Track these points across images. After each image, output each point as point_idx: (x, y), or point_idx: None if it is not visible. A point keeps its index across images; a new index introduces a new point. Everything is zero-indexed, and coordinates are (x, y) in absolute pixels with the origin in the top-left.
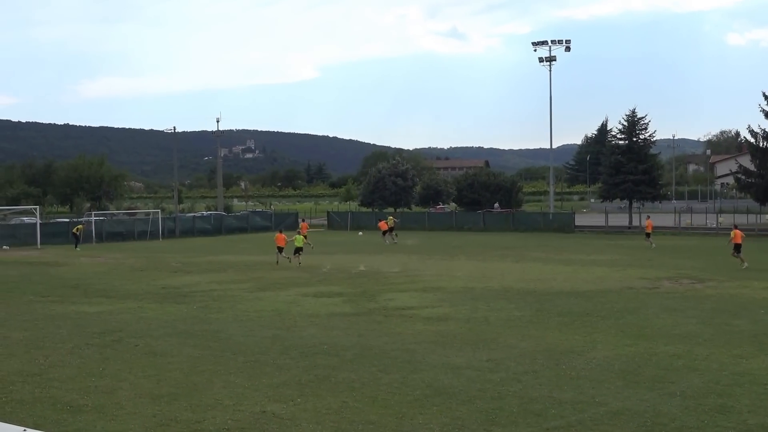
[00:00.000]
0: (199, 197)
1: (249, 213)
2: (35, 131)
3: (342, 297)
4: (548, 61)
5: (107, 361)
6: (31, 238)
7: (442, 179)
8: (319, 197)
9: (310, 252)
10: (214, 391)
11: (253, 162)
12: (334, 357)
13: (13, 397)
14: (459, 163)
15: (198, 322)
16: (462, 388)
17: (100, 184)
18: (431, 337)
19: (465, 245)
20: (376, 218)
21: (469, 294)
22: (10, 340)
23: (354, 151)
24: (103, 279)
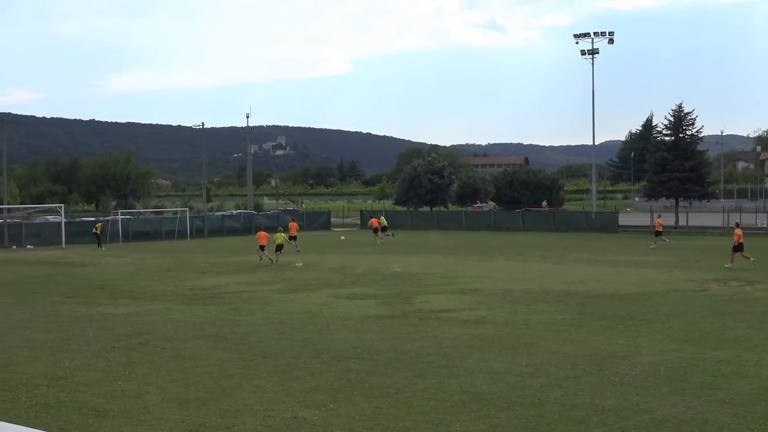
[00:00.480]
0: (228, 195)
1: (280, 212)
2: (60, 127)
3: (376, 299)
4: (591, 53)
5: (134, 365)
6: (56, 238)
7: (479, 177)
8: (352, 195)
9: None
10: (244, 396)
11: (284, 159)
12: (367, 361)
13: (38, 401)
14: (497, 160)
15: (227, 324)
16: (501, 394)
17: (126, 182)
18: (468, 341)
19: (504, 245)
20: (411, 217)
21: (508, 296)
22: (34, 342)
23: (388, 148)
24: (130, 280)
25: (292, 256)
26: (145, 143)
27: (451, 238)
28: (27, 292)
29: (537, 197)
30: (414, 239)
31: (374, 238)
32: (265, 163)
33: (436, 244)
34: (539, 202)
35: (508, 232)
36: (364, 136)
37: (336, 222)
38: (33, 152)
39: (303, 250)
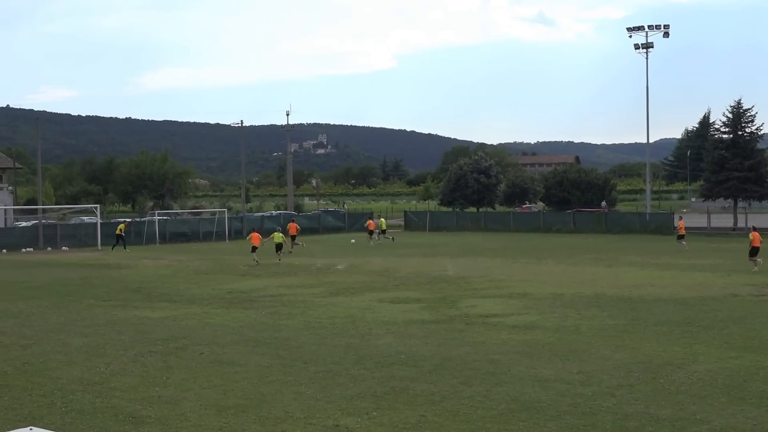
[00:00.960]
0: (268, 195)
1: (321, 213)
2: (96, 126)
3: (420, 303)
4: (645, 48)
5: (171, 370)
6: (92, 239)
7: (528, 176)
8: (396, 196)
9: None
10: (284, 402)
11: (325, 158)
12: (412, 368)
13: (73, 406)
14: (547, 159)
15: (267, 329)
16: (550, 402)
17: (163, 182)
18: (517, 347)
19: (553, 248)
20: (457, 218)
21: (559, 301)
22: (69, 346)
23: (433, 146)
24: (167, 282)
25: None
26: (182, 142)
27: (495, 241)
28: (62, 295)
29: (588, 197)
30: (460, 241)
31: (374, 241)
32: (306, 163)
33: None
34: (590, 202)
35: (558, 233)
36: (408, 134)
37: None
38: (68, 151)
39: (345, 253)
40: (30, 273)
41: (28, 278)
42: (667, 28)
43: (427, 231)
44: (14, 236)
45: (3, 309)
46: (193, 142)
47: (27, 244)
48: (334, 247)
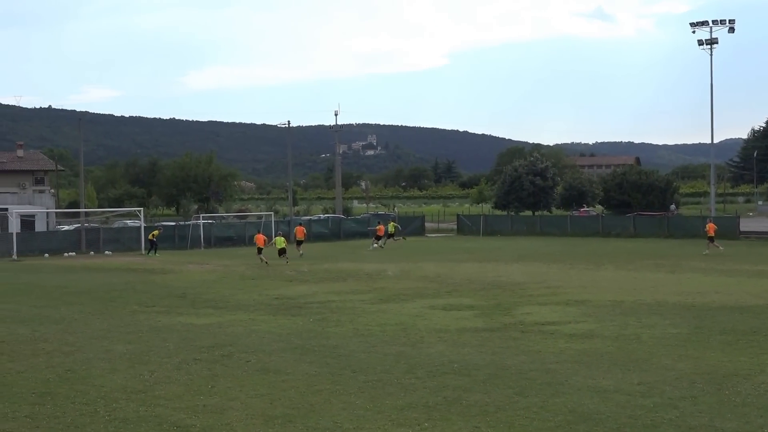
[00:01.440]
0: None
1: (370, 216)
2: (139, 126)
3: (474, 310)
4: (709, 44)
5: (216, 378)
6: (135, 243)
7: (586, 178)
8: (448, 198)
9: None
10: (333, 412)
11: (374, 159)
12: (465, 377)
13: (117, 415)
14: (606, 161)
15: (315, 336)
16: (610, 414)
17: (208, 184)
18: (575, 357)
19: (613, 253)
20: (512, 222)
21: (618, 308)
22: (113, 353)
23: (487, 147)
24: (212, 288)
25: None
26: (227, 143)
27: (552, 246)
28: (105, 300)
29: (649, 200)
30: (514, 246)
31: (373, 243)
32: (355, 164)
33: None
34: (651, 205)
35: (618, 238)
36: (460, 135)
37: (431, 227)
38: (111, 153)
39: (395, 257)
40: (72, 278)
41: (70, 283)
42: (732, 23)
43: (480, 235)
44: (56, 240)
45: (45, 315)
46: (239, 143)
47: (69, 248)
48: (383, 252)
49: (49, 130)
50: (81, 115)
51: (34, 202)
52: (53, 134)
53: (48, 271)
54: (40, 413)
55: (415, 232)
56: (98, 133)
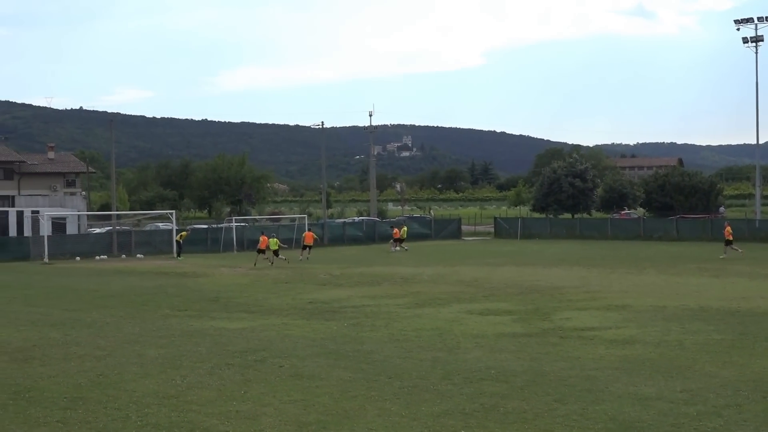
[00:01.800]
0: (350, 201)
1: (405, 219)
2: (171, 128)
3: (512, 315)
4: (754, 41)
5: (249, 384)
6: (167, 246)
7: (627, 180)
8: (485, 201)
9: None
10: (368, 419)
11: (410, 161)
12: (502, 383)
13: (149, 420)
14: (647, 162)
15: (349, 341)
16: (652, 422)
17: (240, 186)
18: (615, 363)
19: (655, 257)
20: (551, 225)
21: (660, 313)
22: (145, 358)
23: (525, 148)
24: (245, 292)
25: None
26: (260, 144)
27: (591, 250)
28: (137, 304)
29: (692, 203)
30: (553, 249)
31: (399, 248)
32: (390, 166)
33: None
34: (695, 208)
35: (660, 241)
36: (498, 136)
37: (467, 230)
38: (142, 155)
39: (431, 261)
40: (104, 281)
41: (101, 287)
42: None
43: (518, 239)
44: (88, 243)
45: (77, 318)
46: (272, 144)
47: (101, 251)
48: (419, 256)
49: (81, 131)
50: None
51: (65, 205)
52: (85, 136)
53: (79, 275)
54: (72, 418)
55: (451, 235)
56: (130, 135)
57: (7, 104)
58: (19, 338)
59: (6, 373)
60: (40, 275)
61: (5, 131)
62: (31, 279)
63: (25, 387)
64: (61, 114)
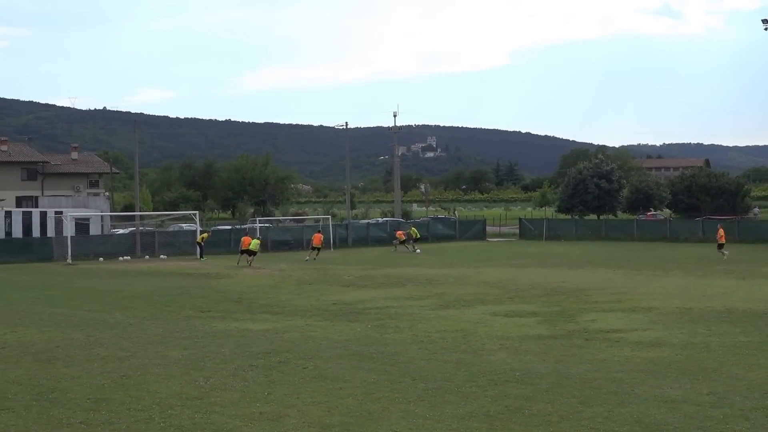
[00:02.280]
0: (374, 201)
1: (430, 220)
2: (194, 128)
3: (536, 317)
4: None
5: (273, 385)
6: (190, 247)
7: (653, 181)
8: (510, 202)
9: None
10: (392, 421)
11: (434, 162)
12: (527, 386)
13: (172, 422)
14: (673, 163)
15: (373, 342)
16: (678, 425)
17: (264, 187)
18: (641, 365)
19: (681, 258)
20: (576, 227)
21: (686, 315)
22: (168, 359)
23: (550, 149)
24: (269, 293)
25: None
26: (284, 145)
27: (617, 251)
28: (160, 305)
29: (719, 204)
30: (579, 251)
31: (410, 247)
32: (414, 167)
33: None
34: (721, 209)
35: (686, 243)
36: (523, 136)
37: (492, 231)
38: (166, 155)
39: (455, 262)
40: (127, 282)
41: (125, 287)
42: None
43: (543, 240)
44: (111, 244)
45: (100, 319)
46: (296, 145)
47: (124, 252)
48: (443, 257)
49: (104, 132)
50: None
51: (88, 205)
52: (108, 136)
53: (103, 275)
54: (95, 419)
55: (476, 236)
56: (153, 135)
57: (31, 104)
58: (43, 339)
59: (29, 374)
60: (63, 276)
61: (29, 132)
62: (55, 280)
63: (48, 388)
64: (84, 114)
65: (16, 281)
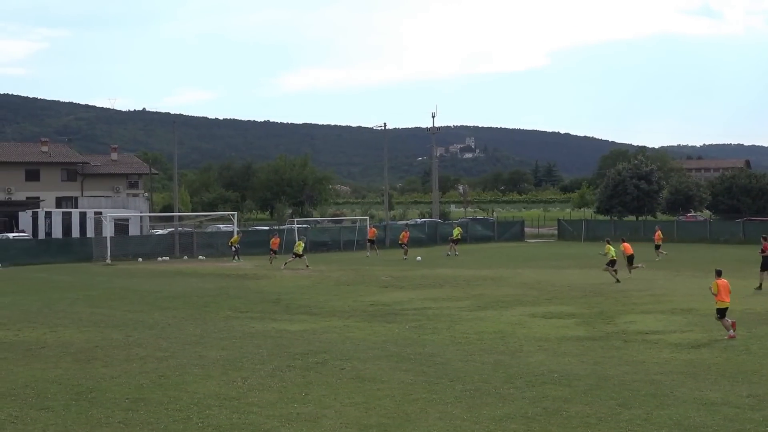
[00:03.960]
0: (412, 202)
1: (468, 221)
2: (233, 129)
3: (575, 318)
4: None
5: (310, 386)
6: (228, 248)
7: (693, 182)
8: (549, 203)
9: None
10: (429, 422)
11: (472, 162)
12: (565, 387)
13: (210, 422)
14: (714, 164)
15: (410, 343)
16: (717, 427)
17: (302, 188)
18: (680, 367)
19: (721, 260)
20: (615, 228)
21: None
22: (206, 359)
23: (589, 150)
24: (306, 294)
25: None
26: (322, 146)
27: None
28: (199, 306)
29: (760, 205)
30: (618, 252)
31: (404, 251)
32: (452, 168)
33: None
34: (762, 210)
35: (726, 244)
36: (561, 137)
37: (530, 232)
38: (205, 156)
39: (493, 263)
40: (166, 282)
41: (163, 288)
42: None
43: (582, 241)
44: (150, 244)
45: (139, 320)
46: (334, 146)
47: (163, 252)
48: (481, 258)
49: (143, 133)
50: (175, 118)
51: (127, 206)
52: (147, 137)
53: (142, 276)
54: (134, 419)
55: (514, 237)
56: (192, 136)
57: (71, 106)
58: (82, 339)
59: (69, 373)
60: (103, 276)
61: (69, 133)
62: (94, 280)
63: (87, 388)
64: (124, 115)
65: (55, 281)
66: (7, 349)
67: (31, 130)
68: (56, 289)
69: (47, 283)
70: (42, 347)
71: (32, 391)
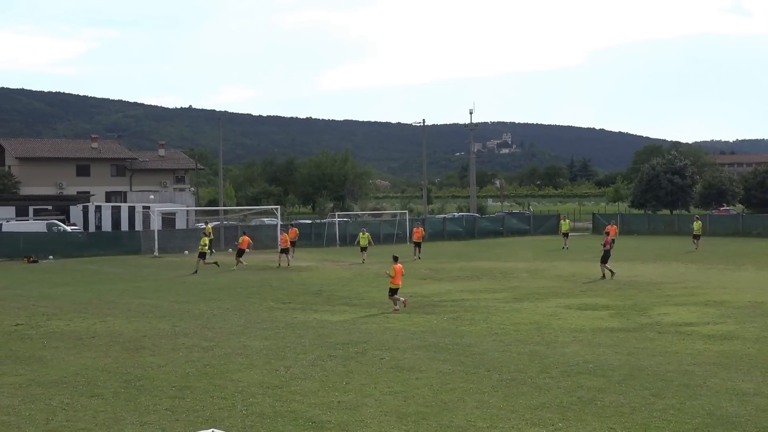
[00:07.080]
0: (450, 197)
1: (505, 215)
2: (276, 126)
3: (609, 310)
4: None
5: (351, 375)
6: (272, 241)
7: (726, 177)
8: (584, 197)
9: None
10: (466, 411)
11: (509, 158)
12: (600, 377)
13: (253, 410)
14: (747, 159)
15: (448, 334)
16: (749, 417)
17: (343, 183)
18: (713, 358)
19: (753, 253)
20: (649, 221)
21: (759, 310)
22: (250, 349)
23: (623, 145)
24: (347, 285)
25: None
26: (362, 142)
27: (690, 246)
28: (243, 297)
29: None
30: (652, 245)
31: (415, 253)
32: (489, 163)
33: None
34: None
35: (759, 238)
36: (597, 133)
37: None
38: (248, 152)
39: (529, 256)
40: (211, 274)
41: (208, 280)
42: None
43: (616, 235)
44: (196, 238)
45: (185, 310)
46: (374, 142)
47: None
48: (517, 251)
49: (190, 129)
50: (220, 115)
51: (174, 200)
52: (193, 134)
53: (188, 268)
54: (180, 406)
55: (549, 231)
56: (236, 133)
57: (121, 103)
58: (131, 329)
59: (118, 362)
60: (150, 268)
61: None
62: (142, 272)
63: (135, 376)
64: (171, 113)
65: (105, 273)
66: (59, 338)
67: (81, 127)
68: (106, 280)
69: (97, 274)
70: (92, 337)
71: (83, 379)
